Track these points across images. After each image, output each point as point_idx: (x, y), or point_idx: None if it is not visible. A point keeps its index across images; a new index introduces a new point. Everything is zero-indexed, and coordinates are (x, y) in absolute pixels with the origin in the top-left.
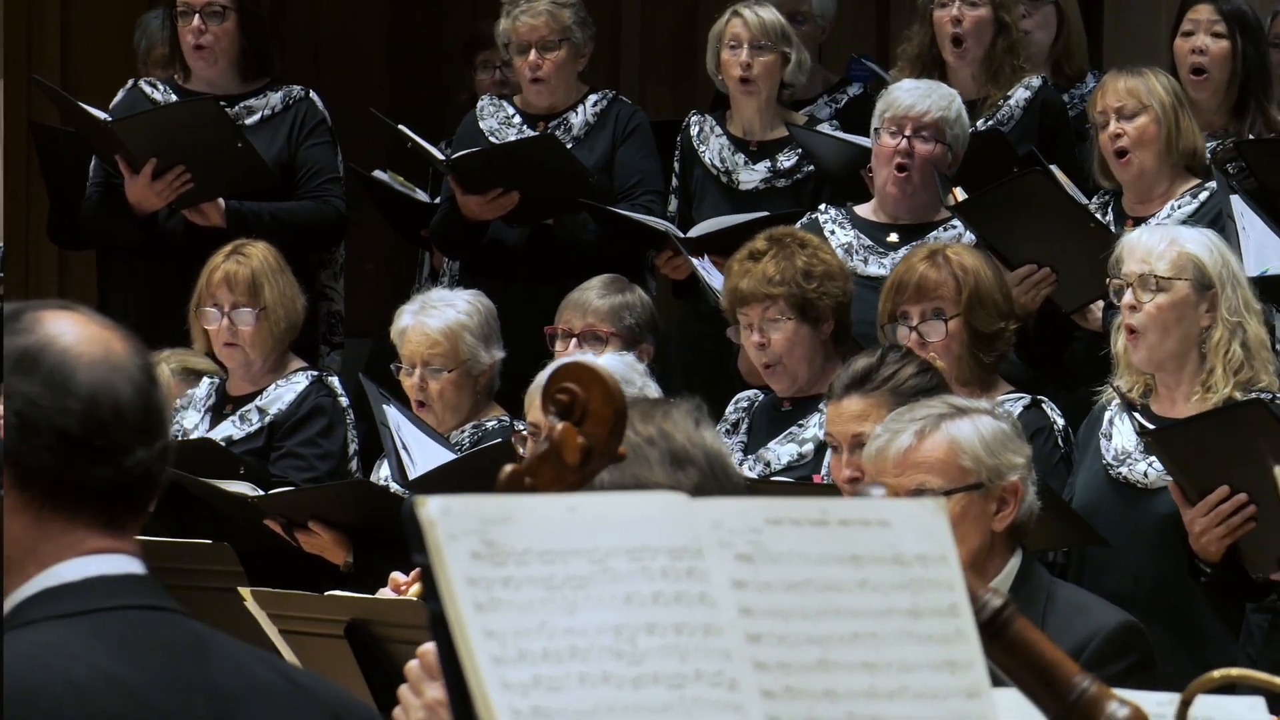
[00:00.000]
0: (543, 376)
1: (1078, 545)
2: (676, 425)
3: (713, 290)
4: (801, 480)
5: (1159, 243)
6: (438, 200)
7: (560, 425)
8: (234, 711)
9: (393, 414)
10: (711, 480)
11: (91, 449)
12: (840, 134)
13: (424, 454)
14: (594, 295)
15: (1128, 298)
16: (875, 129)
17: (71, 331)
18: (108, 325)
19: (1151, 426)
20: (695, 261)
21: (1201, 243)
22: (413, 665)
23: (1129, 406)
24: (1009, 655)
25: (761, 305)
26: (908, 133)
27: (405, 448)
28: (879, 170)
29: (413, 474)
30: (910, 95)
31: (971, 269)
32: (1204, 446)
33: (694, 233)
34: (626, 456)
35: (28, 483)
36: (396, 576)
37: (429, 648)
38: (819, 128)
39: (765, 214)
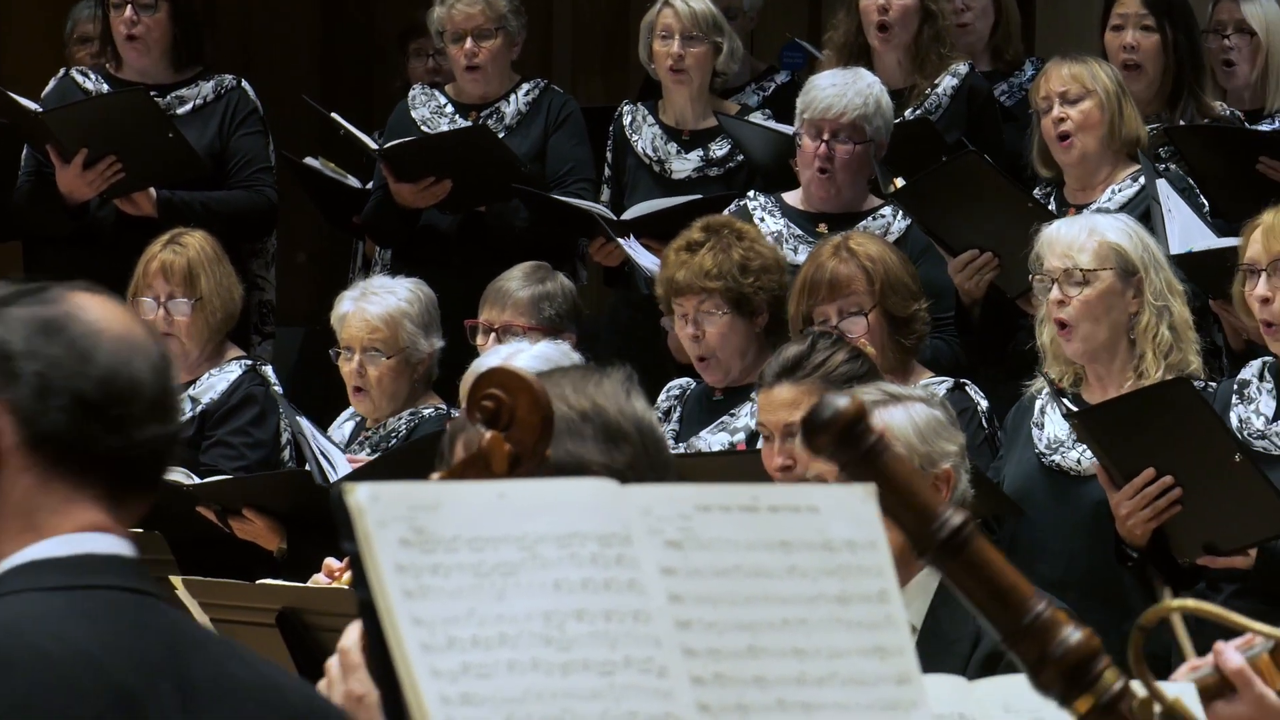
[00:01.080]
0: (477, 365)
1: (994, 515)
2: (609, 398)
3: (642, 269)
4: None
5: (1079, 234)
6: (369, 187)
7: (488, 434)
8: (200, 701)
9: (306, 425)
10: (643, 455)
11: (106, 417)
12: (769, 124)
13: (340, 462)
14: (513, 286)
15: (1055, 293)
16: (796, 130)
17: (97, 309)
18: (130, 311)
19: (1075, 408)
20: (624, 242)
21: (1121, 230)
22: (333, 662)
23: (1057, 391)
24: (967, 574)
25: (697, 298)
26: (826, 136)
27: (324, 454)
28: (802, 171)
29: (334, 477)
30: (828, 94)
31: (878, 257)
32: (1129, 428)
33: (627, 215)
34: (558, 438)
35: (38, 444)
36: (330, 562)
37: (347, 645)
38: (749, 117)
39: (698, 197)
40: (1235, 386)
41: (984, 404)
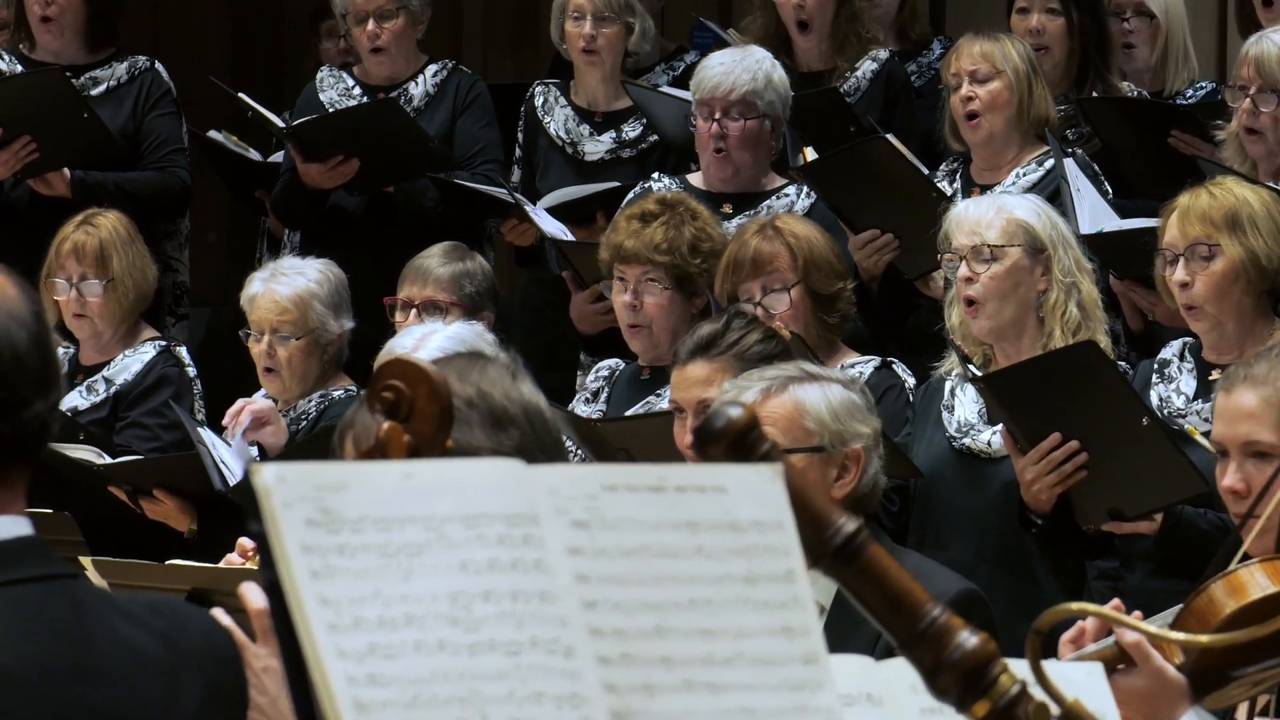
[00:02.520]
0: (392, 344)
1: (900, 478)
2: (494, 383)
3: (548, 234)
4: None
5: (986, 212)
6: (271, 160)
7: (386, 425)
8: (120, 695)
9: (206, 435)
10: (531, 437)
11: None
12: (676, 92)
13: (242, 465)
14: (434, 264)
15: (963, 270)
16: (690, 114)
17: None
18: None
19: (980, 373)
20: (530, 208)
21: (1029, 208)
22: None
23: (963, 357)
24: (861, 581)
25: (642, 268)
26: (718, 114)
27: (223, 461)
28: (701, 153)
29: (234, 482)
30: (716, 72)
31: (803, 235)
32: (1036, 392)
33: (542, 204)
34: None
35: None
36: (244, 542)
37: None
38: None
39: (615, 184)
40: (1156, 366)
41: (910, 381)
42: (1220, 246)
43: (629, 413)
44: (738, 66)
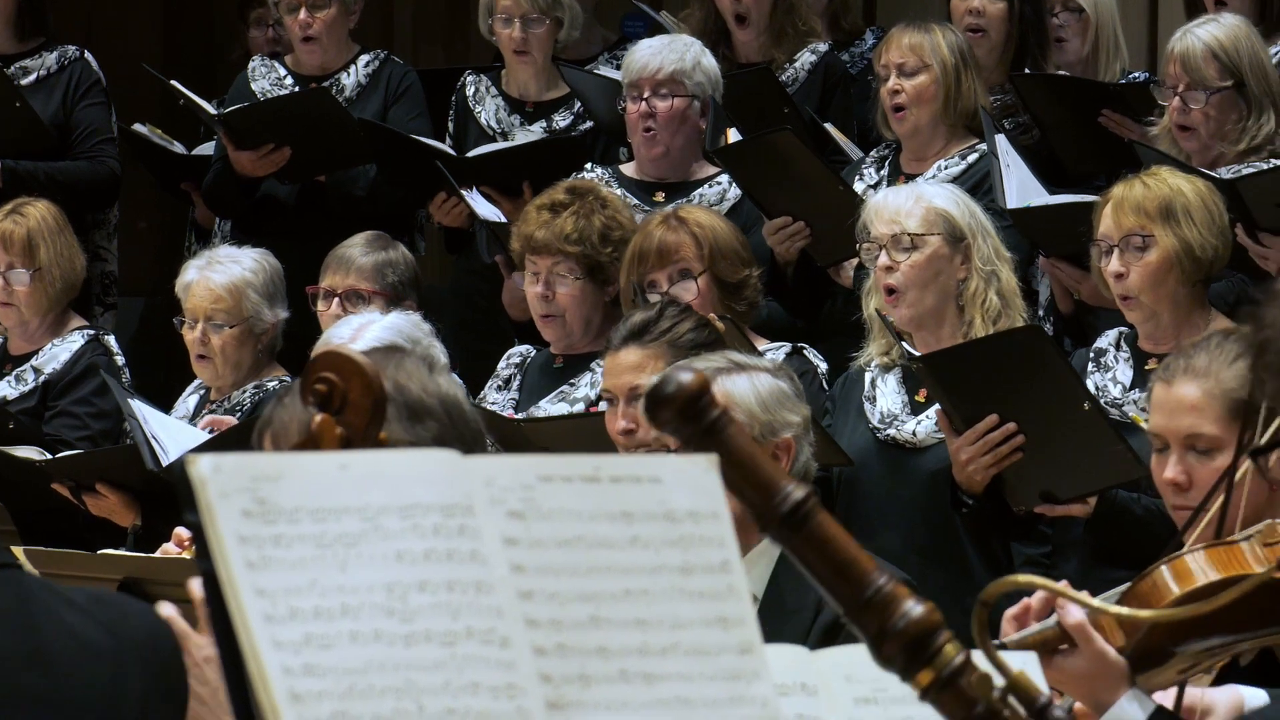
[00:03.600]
0: (329, 335)
1: (830, 466)
2: (410, 376)
3: (482, 218)
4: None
5: (905, 201)
6: (195, 153)
7: (319, 417)
8: (66, 682)
9: (138, 408)
10: (450, 429)
11: None
12: (608, 71)
13: (175, 440)
14: (356, 253)
15: (882, 259)
16: (621, 97)
17: None
18: None
19: (918, 353)
20: (465, 193)
21: (948, 197)
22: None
23: (896, 334)
24: (808, 548)
25: (553, 259)
26: (646, 94)
27: (155, 438)
28: (631, 137)
29: (166, 461)
30: (644, 54)
31: (707, 224)
32: (975, 374)
33: (472, 154)
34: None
35: None
36: (180, 532)
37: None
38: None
39: (543, 137)
40: (1091, 355)
41: (823, 366)
42: (1154, 237)
43: (543, 402)
44: (666, 49)
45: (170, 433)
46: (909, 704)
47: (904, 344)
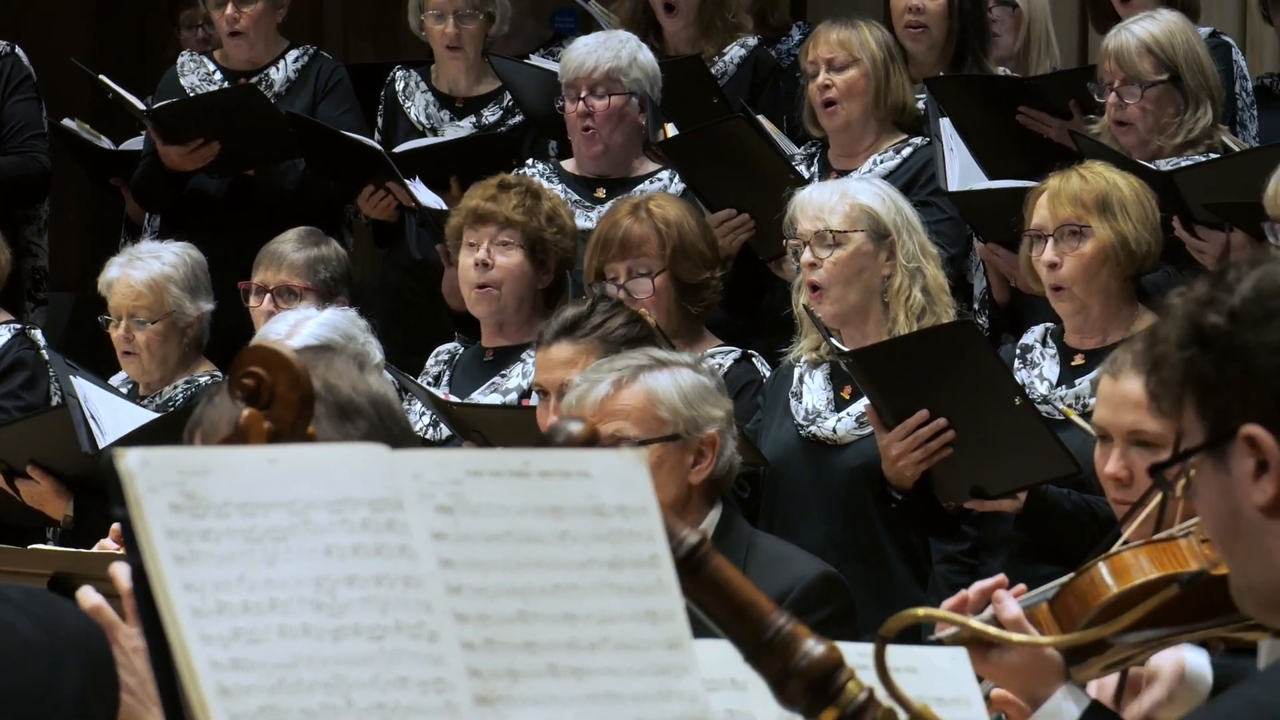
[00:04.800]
0: (265, 330)
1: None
2: (340, 375)
3: (425, 206)
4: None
5: (830, 197)
6: (123, 148)
7: (246, 411)
8: (4, 679)
9: (80, 384)
10: (380, 427)
11: None
12: (539, 62)
13: (115, 420)
14: (289, 249)
15: (806, 255)
16: (559, 97)
17: None
18: None
19: (847, 349)
20: (410, 183)
21: (873, 193)
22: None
23: (825, 330)
24: (706, 592)
25: (497, 227)
26: (583, 94)
27: (94, 417)
28: (571, 137)
29: (103, 443)
30: (580, 53)
31: (674, 221)
32: (906, 369)
33: (400, 149)
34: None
35: None
36: (118, 527)
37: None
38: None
39: (474, 133)
40: (1018, 351)
41: (769, 374)
42: (1091, 229)
43: (475, 395)
44: (601, 46)
45: (112, 410)
46: None
47: (833, 340)
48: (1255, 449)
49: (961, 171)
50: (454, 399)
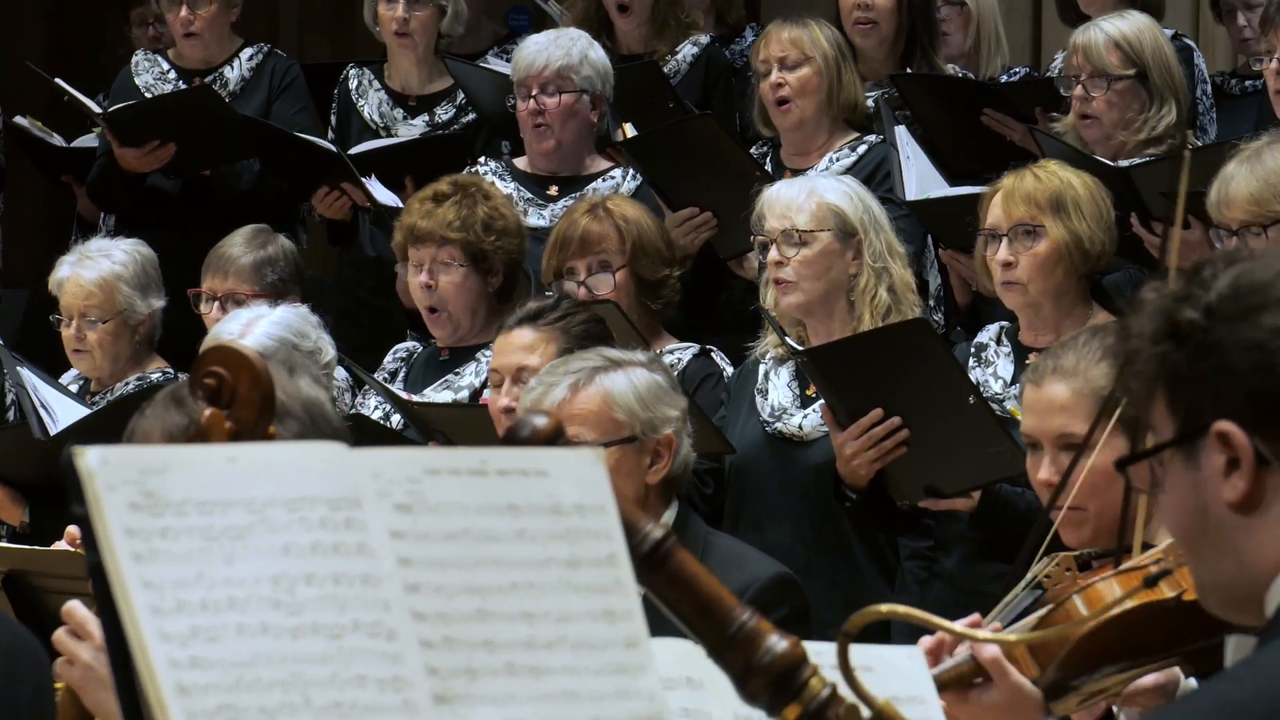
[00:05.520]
0: (218, 329)
1: (712, 456)
2: (271, 378)
3: (384, 204)
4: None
5: (798, 196)
6: (75, 145)
7: (208, 411)
8: None
9: (27, 375)
10: (311, 429)
11: None
12: (494, 64)
13: (65, 411)
14: (236, 252)
15: (773, 254)
16: (510, 95)
17: None
18: None
19: (801, 348)
20: (366, 181)
21: (841, 192)
22: (62, 635)
23: (780, 330)
24: (669, 587)
25: (436, 247)
26: (534, 92)
27: (45, 405)
28: (523, 135)
29: (54, 430)
30: (531, 51)
31: (633, 219)
32: (860, 367)
33: (355, 151)
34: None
35: None
36: (72, 530)
37: (73, 606)
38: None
39: (428, 133)
40: (973, 349)
41: (729, 369)
42: (1045, 228)
43: (428, 391)
44: (551, 45)
45: (58, 403)
46: None
47: (788, 339)
48: (1227, 446)
49: (919, 179)
50: (413, 397)
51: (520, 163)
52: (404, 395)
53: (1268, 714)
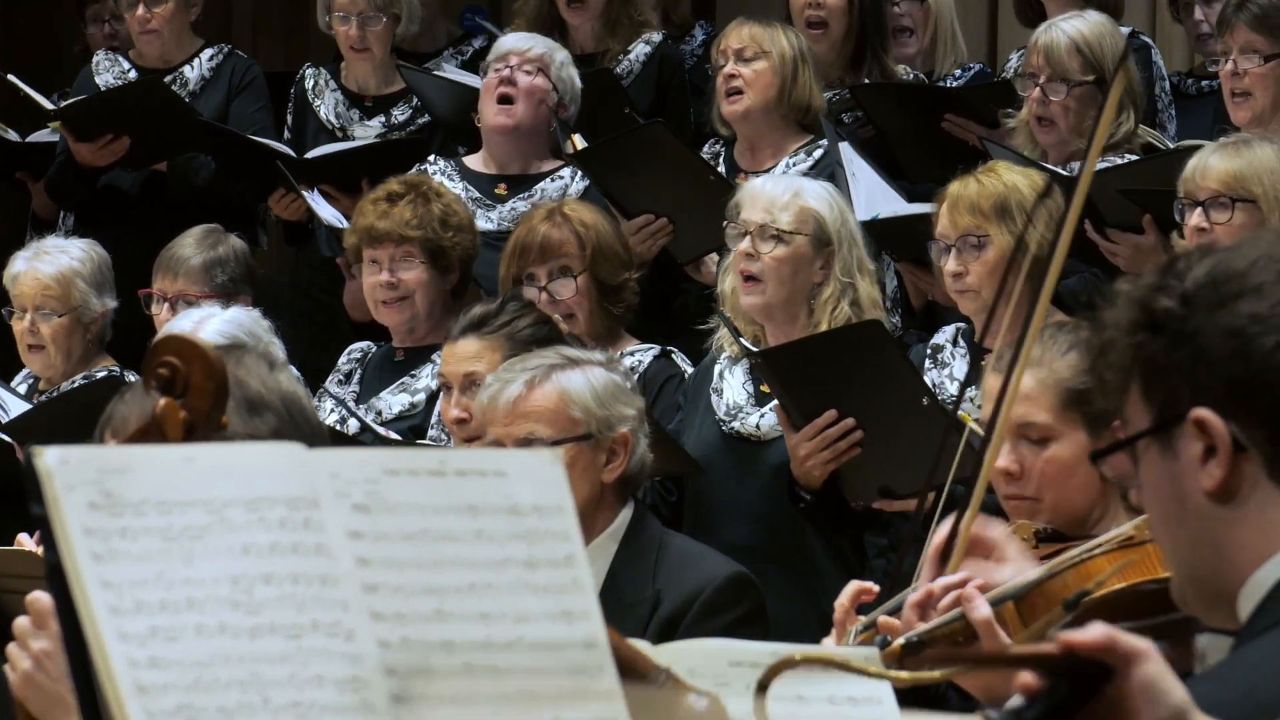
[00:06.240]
0: (168, 329)
1: (676, 476)
2: (250, 371)
3: (324, 220)
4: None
5: (783, 193)
6: (30, 140)
7: (162, 401)
8: None
9: None
10: (289, 424)
11: None
12: (452, 74)
13: (15, 404)
14: (186, 253)
15: (745, 245)
16: (482, 70)
17: None
18: None
19: (756, 349)
20: (307, 194)
21: (824, 198)
22: (21, 620)
23: (733, 330)
24: None
25: (396, 246)
26: (512, 64)
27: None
28: (485, 106)
29: (6, 419)
30: (516, 39)
31: (592, 224)
32: (814, 368)
33: (310, 155)
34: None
35: None
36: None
37: (36, 596)
38: (435, 72)
39: (379, 140)
40: (929, 351)
41: (690, 370)
42: (990, 236)
43: (384, 393)
44: (539, 39)
45: (12, 402)
46: (748, 698)
47: (742, 340)
48: (1204, 433)
49: (867, 197)
50: (392, 434)
51: (470, 160)
52: (384, 432)
53: (1253, 714)
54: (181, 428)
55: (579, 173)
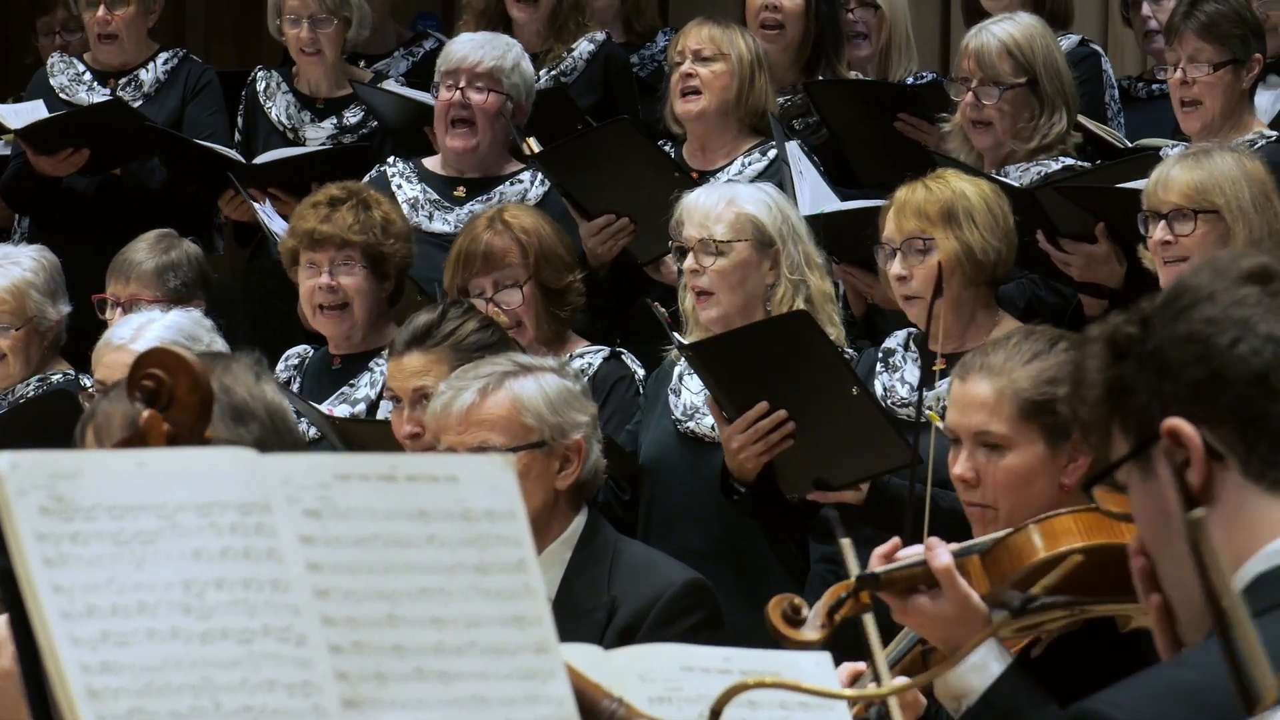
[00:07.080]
0: (110, 334)
1: (627, 478)
2: (237, 379)
3: (273, 234)
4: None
5: (716, 204)
6: None
7: (146, 413)
8: None
9: None
10: (273, 434)
11: None
12: (404, 90)
13: None
14: (139, 257)
15: (689, 262)
16: (434, 84)
17: None
18: None
19: (686, 342)
20: (257, 206)
21: (760, 201)
22: None
23: (670, 326)
24: None
25: (335, 249)
26: (462, 84)
27: None
28: (438, 127)
29: None
30: (464, 47)
31: (532, 229)
32: (745, 361)
33: (259, 160)
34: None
35: None
36: None
37: None
38: (385, 84)
39: (331, 147)
40: (880, 355)
41: (640, 372)
42: (935, 240)
43: (324, 405)
44: (488, 44)
45: None
46: (702, 703)
47: (674, 335)
48: (1179, 445)
49: (812, 195)
50: (334, 411)
51: (429, 162)
52: (327, 411)
53: (1224, 700)
54: (165, 441)
55: (539, 176)
